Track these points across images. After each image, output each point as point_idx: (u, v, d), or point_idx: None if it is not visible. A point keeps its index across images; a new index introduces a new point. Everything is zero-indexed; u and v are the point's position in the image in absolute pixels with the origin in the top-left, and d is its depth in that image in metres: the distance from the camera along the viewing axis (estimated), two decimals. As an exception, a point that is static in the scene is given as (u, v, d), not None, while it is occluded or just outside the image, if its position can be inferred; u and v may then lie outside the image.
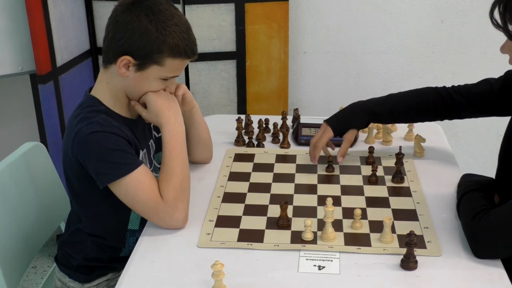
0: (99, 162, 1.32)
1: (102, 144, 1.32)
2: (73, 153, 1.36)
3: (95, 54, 2.52)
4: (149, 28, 1.32)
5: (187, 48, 1.36)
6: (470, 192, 1.40)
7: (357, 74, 2.81)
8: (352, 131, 1.62)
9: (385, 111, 1.62)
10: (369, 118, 1.63)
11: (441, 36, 2.73)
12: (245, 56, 2.55)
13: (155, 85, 1.40)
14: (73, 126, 1.36)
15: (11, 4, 2.15)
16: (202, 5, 2.43)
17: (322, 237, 1.30)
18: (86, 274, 1.49)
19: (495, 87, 1.54)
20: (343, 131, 1.62)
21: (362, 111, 1.63)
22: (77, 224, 1.48)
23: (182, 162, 1.39)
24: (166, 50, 1.33)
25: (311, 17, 2.72)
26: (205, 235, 1.34)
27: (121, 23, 1.33)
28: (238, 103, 2.63)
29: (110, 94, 1.41)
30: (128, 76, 1.36)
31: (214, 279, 1.13)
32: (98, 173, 1.33)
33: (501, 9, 1.23)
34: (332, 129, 1.61)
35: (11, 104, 2.72)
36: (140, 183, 1.33)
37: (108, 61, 1.38)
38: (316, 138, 1.63)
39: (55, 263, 1.57)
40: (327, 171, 1.62)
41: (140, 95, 1.41)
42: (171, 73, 1.39)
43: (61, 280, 1.52)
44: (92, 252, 1.47)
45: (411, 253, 1.21)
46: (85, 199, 1.45)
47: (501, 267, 1.22)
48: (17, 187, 1.57)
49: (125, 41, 1.33)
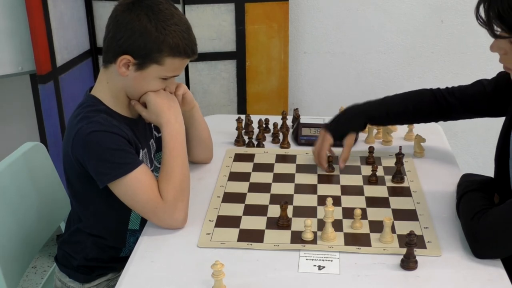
0: (99, 162, 1.32)
1: (102, 143, 1.32)
2: (73, 153, 1.36)
3: (95, 54, 2.52)
4: (148, 28, 1.32)
5: (187, 48, 1.36)
6: (470, 192, 1.40)
7: (357, 74, 2.81)
8: (351, 135, 1.63)
9: (381, 113, 1.64)
10: (365, 120, 1.64)
11: (441, 36, 2.73)
12: (245, 56, 2.55)
13: (155, 84, 1.39)
14: (73, 125, 1.36)
15: (11, 4, 2.15)
16: (202, 5, 2.43)
17: (322, 237, 1.30)
18: (86, 274, 1.49)
19: (488, 88, 1.56)
20: (342, 136, 1.63)
21: (358, 114, 1.64)
22: (77, 224, 1.48)
23: (182, 162, 1.39)
24: (166, 50, 1.33)
25: (311, 17, 2.72)
26: (205, 235, 1.34)
27: (121, 23, 1.33)
28: (238, 103, 2.63)
29: (110, 94, 1.41)
30: (128, 76, 1.36)
31: (214, 279, 1.13)
32: (98, 172, 1.33)
33: (485, 6, 1.23)
34: (331, 135, 1.62)
35: (11, 104, 2.72)
36: (140, 183, 1.33)
37: (108, 61, 1.38)
38: (317, 148, 1.63)
39: (55, 263, 1.57)
40: (327, 171, 1.62)
41: (140, 94, 1.41)
42: (171, 73, 1.39)
43: (61, 280, 1.52)
44: (92, 252, 1.47)
45: (411, 253, 1.21)
46: (85, 199, 1.45)
47: (501, 267, 1.22)
48: (17, 187, 1.57)
49: (125, 41, 1.33)
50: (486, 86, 1.57)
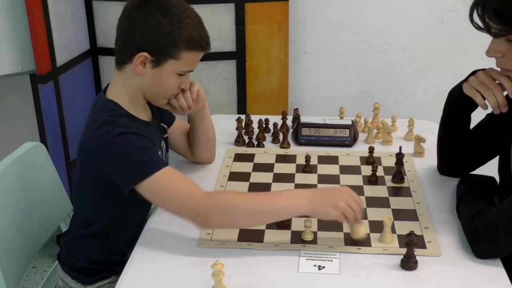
0: (128, 163, 1.29)
1: (130, 144, 1.30)
2: (95, 159, 1.33)
3: (95, 54, 2.51)
4: (163, 22, 1.31)
5: (202, 40, 1.37)
6: (470, 192, 1.40)
7: (357, 74, 2.81)
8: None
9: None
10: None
11: (441, 36, 2.72)
12: (245, 56, 2.55)
13: (172, 80, 1.39)
14: (95, 129, 1.33)
15: (11, 4, 2.15)
16: (202, 5, 2.42)
17: (353, 236, 1.29)
18: (88, 276, 1.49)
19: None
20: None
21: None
22: (84, 229, 1.47)
23: (265, 212, 1.29)
24: (182, 43, 1.33)
25: (311, 17, 2.72)
26: (205, 235, 1.34)
27: (135, 20, 1.33)
28: (238, 103, 2.62)
29: (127, 96, 1.40)
30: (145, 74, 1.36)
31: (214, 279, 1.13)
32: (124, 175, 1.30)
33: (479, 11, 1.23)
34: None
35: (11, 104, 2.72)
36: (172, 177, 1.30)
37: (123, 61, 1.37)
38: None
39: (56, 261, 1.57)
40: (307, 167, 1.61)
41: (157, 94, 1.42)
42: (188, 67, 1.39)
43: (63, 280, 1.52)
44: (96, 255, 1.47)
45: (411, 253, 1.21)
46: (99, 204, 1.43)
47: (501, 267, 1.22)
48: (17, 187, 1.57)
49: (140, 38, 1.32)
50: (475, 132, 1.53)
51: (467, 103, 1.42)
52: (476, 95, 1.36)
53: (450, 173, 1.59)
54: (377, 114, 1.94)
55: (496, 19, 1.20)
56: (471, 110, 1.47)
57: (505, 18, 1.19)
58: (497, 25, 1.21)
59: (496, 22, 1.21)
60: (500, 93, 1.34)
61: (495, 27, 1.22)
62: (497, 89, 1.33)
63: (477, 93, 1.36)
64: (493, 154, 1.52)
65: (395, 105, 2.79)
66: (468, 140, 1.51)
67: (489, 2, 1.19)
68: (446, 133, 1.53)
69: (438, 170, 1.62)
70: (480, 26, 1.25)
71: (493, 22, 1.21)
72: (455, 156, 1.54)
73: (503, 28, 1.21)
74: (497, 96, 1.33)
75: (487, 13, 1.21)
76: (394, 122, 1.95)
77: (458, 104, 1.46)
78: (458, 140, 1.51)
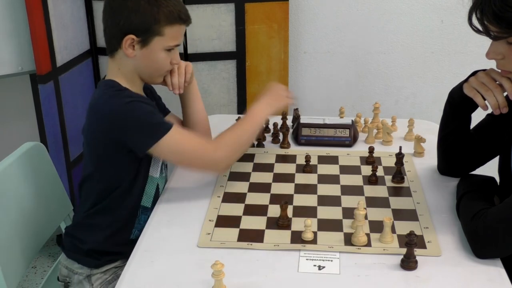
0: (142, 127, 1.41)
1: (140, 110, 1.42)
2: (110, 125, 1.41)
3: (95, 54, 2.51)
4: (142, 4, 1.41)
5: (181, 13, 1.46)
6: (470, 192, 1.40)
7: (357, 74, 2.81)
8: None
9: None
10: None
11: (441, 36, 2.72)
12: (245, 56, 2.55)
13: (162, 56, 1.47)
14: (103, 104, 1.43)
15: (11, 4, 2.15)
16: (202, 5, 2.42)
17: (353, 240, 1.29)
18: (96, 259, 1.51)
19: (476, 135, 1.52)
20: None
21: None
22: (93, 207, 1.51)
23: (251, 131, 1.54)
24: (162, 19, 1.42)
25: (311, 17, 2.72)
26: (205, 235, 1.34)
27: (115, 8, 1.43)
28: (238, 103, 2.62)
29: (125, 79, 1.49)
30: (136, 56, 1.45)
31: (214, 279, 1.13)
32: (139, 138, 1.41)
33: (478, 15, 1.23)
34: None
35: (11, 104, 2.72)
36: (182, 135, 1.45)
37: (114, 49, 1.47)
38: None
39: (57, 261, 1.57)
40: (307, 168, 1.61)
41: (152, 72, 1.51)
42: (173, 41, 1.47)
43: (68, 267, 1.54)
44: (105, 233, 1.50)
45: (411, 253, 1.21)
46: (113, 178, 1.49)
47: (501, 267, 1.22)
48: (17, 187, 1.57)
49: (124, 22, 1.42)
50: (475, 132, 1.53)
51: (467, 104, 1.42)
52: (476, 95, 1.36)
53: (450, 173, 1.59)
54: (377, 114, 1.94)
55: (495, 22, 1.20)
56: (471, 111, 1.47)
57: (504, 21, 1.19)
58: (496, 28, 1.21)
59: (495, 25, 1.20)
60: (500, 94, 1.34)
61: (494, 30, 1.22)
62: (498, 90, 1.34)
63: (477, 93, 1.36)
64: (493, 154, 1.52)
65: (395, 105, 2.79)
66: (468, 140, 1.51)
67: (488, 5, 1.19)
68: (446, 133, 1.53)
69: (438, 170, 1.62)
70: (479, 29, 1.24)
71: (492, 25, 1.21)
72: (455, 156, 1.54)
73: (503, 31, 1.21)
74: (497, 97, 1.34)
75: (486, 16, 1.21)
76: (394, 122, 1.95)
77: (458, 104, 1.46)
78: (458, 140, 1.52)
